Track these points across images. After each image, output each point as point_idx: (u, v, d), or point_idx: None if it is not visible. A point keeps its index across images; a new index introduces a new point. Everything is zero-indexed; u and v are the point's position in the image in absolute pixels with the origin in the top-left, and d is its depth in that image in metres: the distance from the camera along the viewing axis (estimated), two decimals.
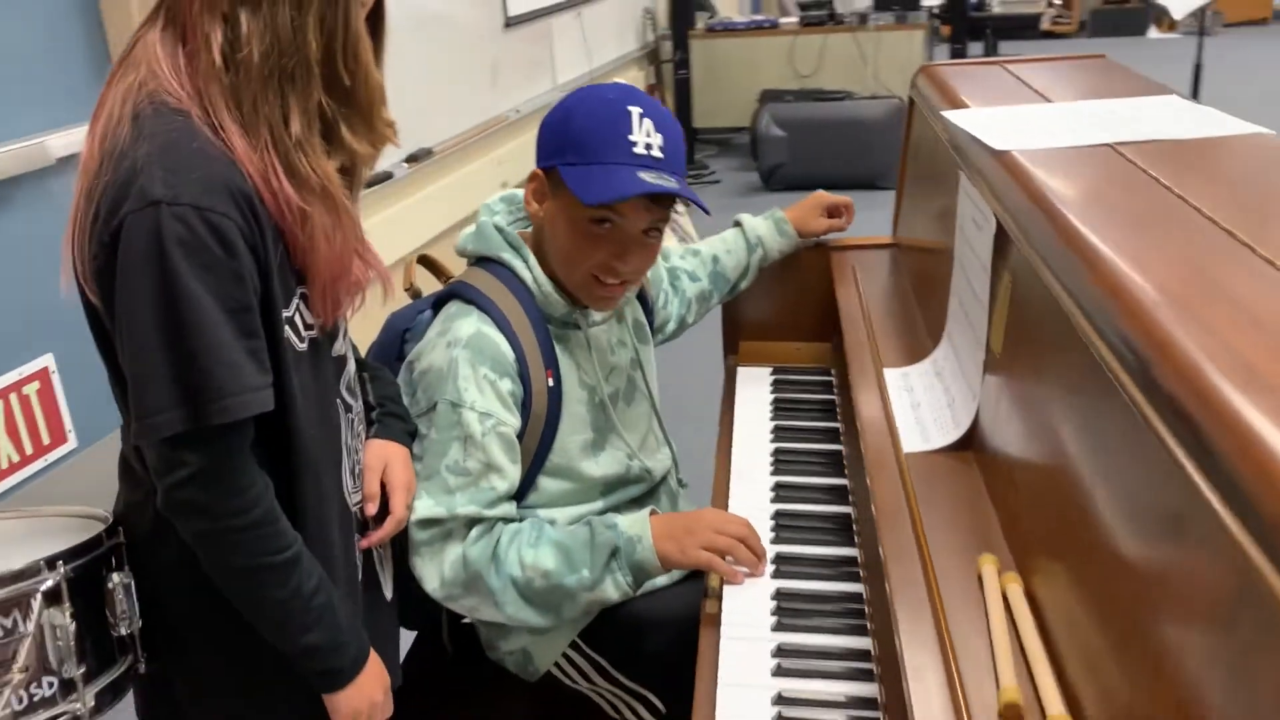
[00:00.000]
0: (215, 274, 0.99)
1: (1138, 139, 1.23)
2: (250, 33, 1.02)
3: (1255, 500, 0.58)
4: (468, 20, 4.32)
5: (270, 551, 1.07)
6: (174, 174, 0.98)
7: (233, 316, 1.01)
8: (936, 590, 0.97)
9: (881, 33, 6.33)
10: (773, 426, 1.66)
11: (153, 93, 1.04)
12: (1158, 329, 0.75)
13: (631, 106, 1.29)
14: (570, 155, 1.29)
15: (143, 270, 0.98)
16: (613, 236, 1.31)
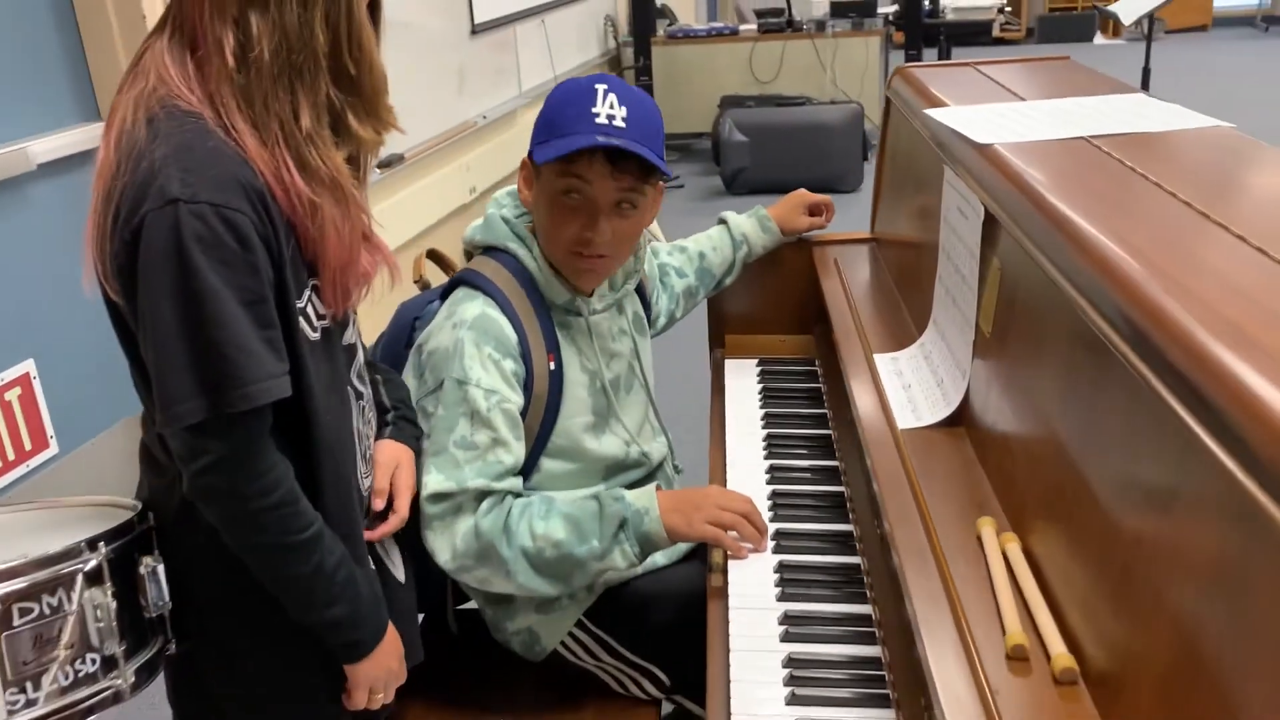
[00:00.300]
0: (232, 268, 1.03)
1: (1110, 132, 1.31)
2: (260, 33, 1.06)
3: (1251, 440, 0.65)
4: (435, 27, 4.36)
5: (293, 530, 1.12)
6: (190, 173, 1.03)
7: (250, 308, 1.05)
8: (940, 550, 1.04)
9: (839, 39, 6.46)
10: (763, 414, 1.73)
11: (164, 97, 1.08)
12: (1148, 299, 0.83)
13: (599, 85, 1.36)
14: (542, 135, 1.36)
15: (163, 266, 1.02)
16: (582, 208, 1.37)
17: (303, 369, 1.14)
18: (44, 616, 1.04)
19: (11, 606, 1.02)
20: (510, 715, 1.49)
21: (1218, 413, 0.69)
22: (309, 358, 1.15)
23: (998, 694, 0.85)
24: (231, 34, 1.06)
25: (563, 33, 5.93)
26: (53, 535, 1.12)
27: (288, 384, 1.09)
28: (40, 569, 1.05)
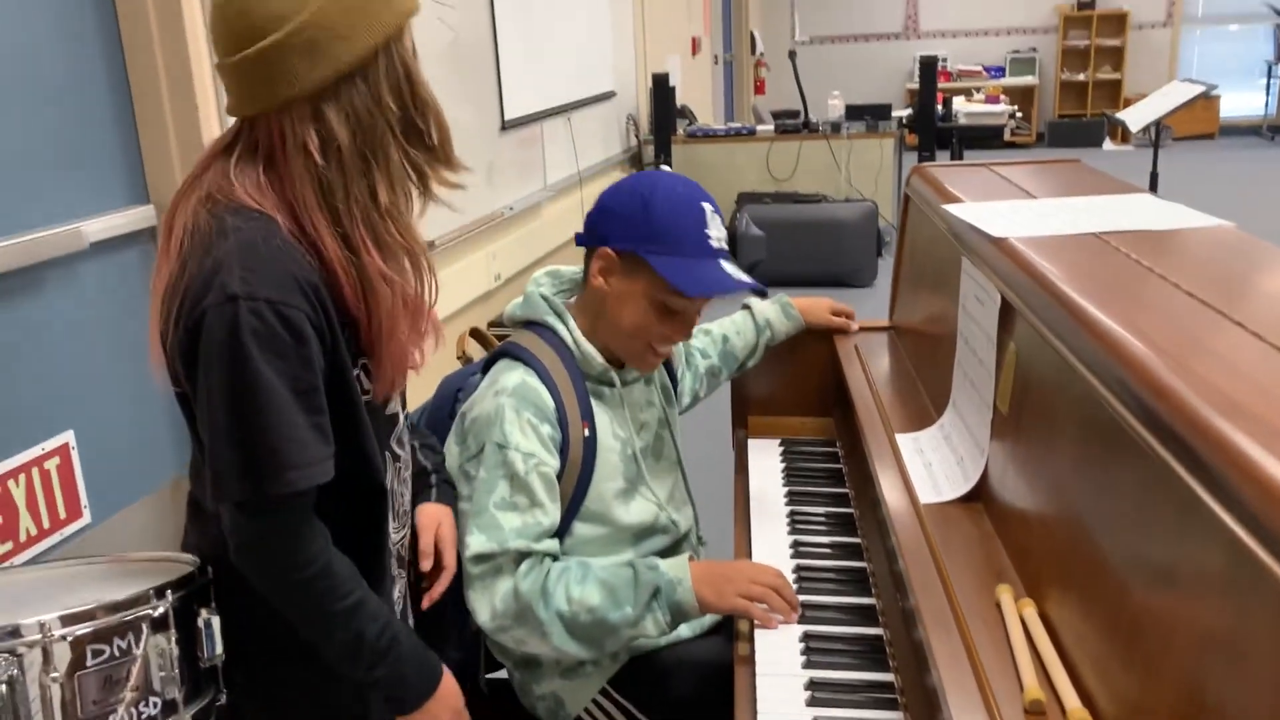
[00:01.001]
0: (286, 360, 1.11)
1: (1118, 228, 1.40)
2: (336, 123, 1.13)
3: (1250, 501, 0.72)
4: (468, 123, 4.54)
5: (334, 599, 1.19)
6: (251, 271, 1.10)
7: (300, 397, 1.13)
8: (961, 616, 1.10)
9: (854, 140, 6.66)
10: (786, 491, 1.80)
11: (229, 201, 1.15)
12: (1155, 377, 0.90)
13: (704, 203, 1.48)
14: (653, 245, 1.45)
15: (220, 356, 1.10)
16: (682, 315, 1.50)
17: (364, 436, 1.22)
18: (113, 659, 1.11)
19: (85, 648, 1.09)
20: None
21: (1219, 478, 0.76)
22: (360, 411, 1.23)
23: None
24: (314, 131, 1.13)
25: (587, 130, 6.14)
26: (120, 584, 1.19)
27: (331, 468, 1.16)
28: (112, 614, 1.11)
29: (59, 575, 1.32)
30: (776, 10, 11.96)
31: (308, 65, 1.10)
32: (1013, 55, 11.55)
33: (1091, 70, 11.35)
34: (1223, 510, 0.75)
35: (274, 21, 1.10)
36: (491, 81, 4.76)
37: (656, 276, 1.44)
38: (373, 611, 1.22)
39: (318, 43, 1.10)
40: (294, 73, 1.10)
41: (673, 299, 1.46)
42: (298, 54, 1.10)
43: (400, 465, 1.36)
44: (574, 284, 1.63)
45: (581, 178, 5.96)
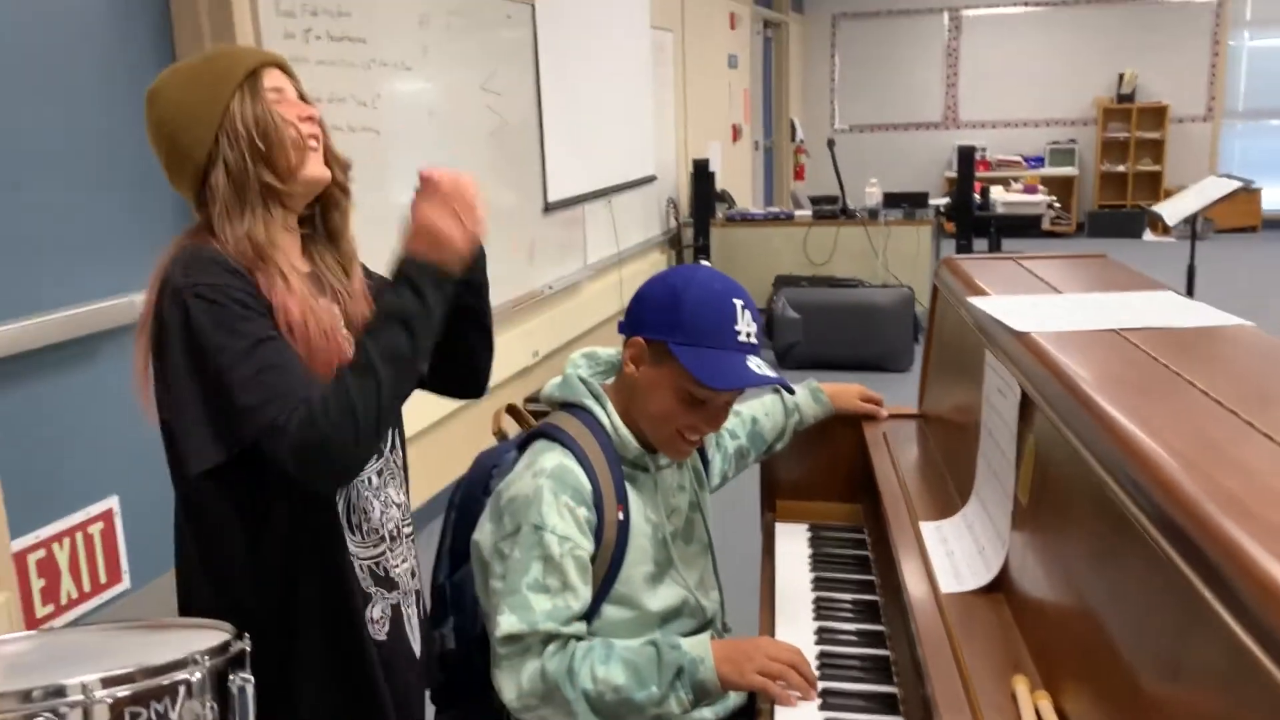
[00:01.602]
0: (241, 320, 1.30)
1: (1140, 326, 1.43)
2: (218, 179, 1.36)
3: (1253, 606, 0.74)
4: (511, 205, 4.67)
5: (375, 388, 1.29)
6: (190, 270, 1.31)
7: (255, 348, 1.29)
8: (977, 706, 1.11)
9: (891, 227, 6.74)
10: (812, 577, 1.81)
11: (191, 244, 1.36)
12: (1166, 476, 0.93)
13: (735, 299, 1.51)
14: (680, 335, 1.49)
15: (173, 338, 1.30)
16: (707, 407, 1.53)
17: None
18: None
19: (124, 710, 1.12)
20: None
21: (1221, 575, 0.78)
22: None
23: None
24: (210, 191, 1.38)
25: (628, 212, 6.27)
26: (159, 649, 1.23)
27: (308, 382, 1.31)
28: (151, 677, 1.15)
29: (99, 637, 1.36)
30: (816, 99, 12.19)
31: (179, 168, 1.39)
32: (1052, 146, 11.66)
33: (1131, 162, 11.41)
34: (1225, 611, 0.77)
35: (156, 144, 1.40)
36: (536, 164, 4.90)
37: (681, 367, 1.49)
38: (370, 365, 1.29)
39: (176, 150, 1.38)
40: (178, 174, 1.40)
41: (697, 389, 1.50)
42: (173, 163, 1.39)
43: (365, 485, 1.44)
44: (610, 366, 1.68)
45: (621, 258, 6.07)
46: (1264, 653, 0.71)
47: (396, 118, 3.72)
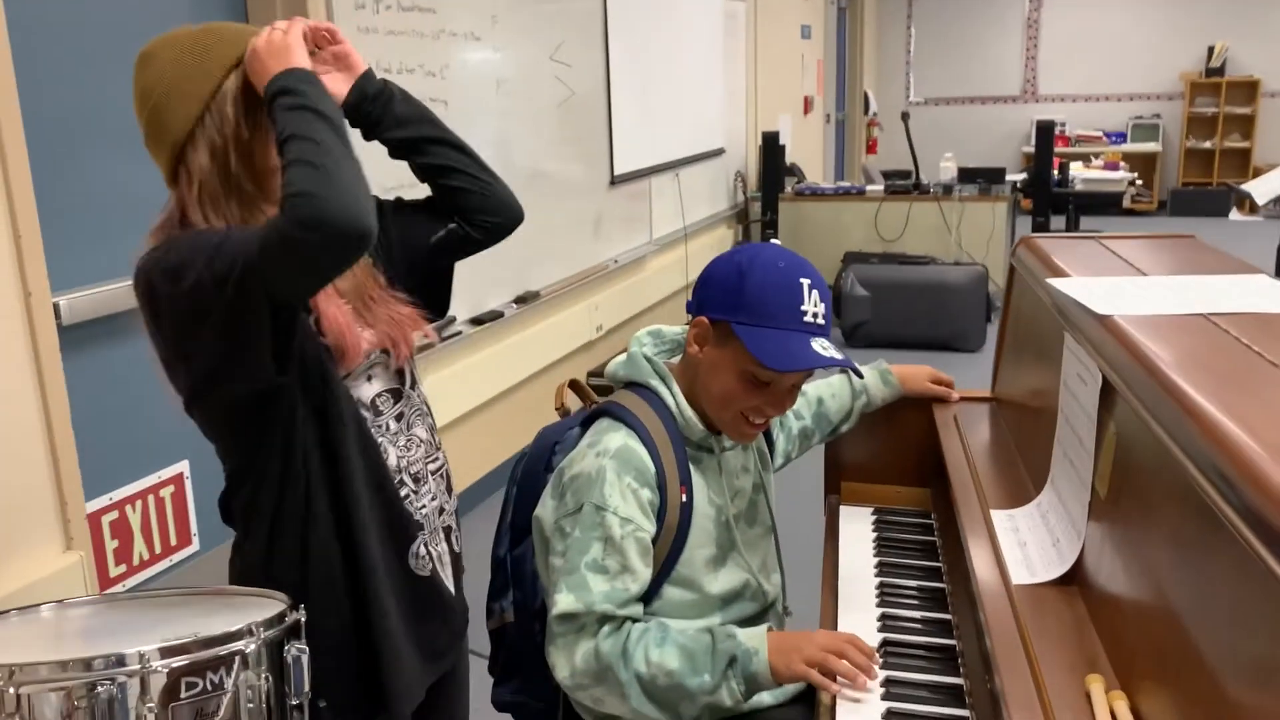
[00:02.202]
0: (201, 254, 1.28)
1: (1230, 310, 1.36)
2: (196, 168, 1.35)
3: None
4: (578, 178, 4.64)
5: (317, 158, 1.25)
6: (166, 248, 1.32)
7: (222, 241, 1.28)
8: (1049, 705, 1.07)
9: (965, 203, 6.58)
10: (876, 562, 1.77)
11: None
12: (1256, 469, 0.87)
13: (802, 279, 1.46)
14: (744, 315, 1.45)
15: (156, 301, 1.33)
16: (772, 389, 1.48)
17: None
18: (205, 692, 1.15)
19: (180, 679, 1.13)
20: None
21: None
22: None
23: None
24: (185, 178, 1.37)
25: (695, 186, 6.20)
26: (217, 619, 1.24)
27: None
28: (207, 648, 1.16)
29: (159, 606, 1.38)
30: (891, 71, 11.94)
31: (158, 142, 1.37)
32: (1135, 121, 11.29)
33: (1219, 138, 11.00)
34: None
35: (140, 115, 1.38)
36: (603, 137, 4.86)
37: (744, 348, 1.44)
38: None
39: (158, 125, 1.36)
40: (158, 152, 1.39)
41: (760, 371, 1.45)
42: (153, 138, 1.38)
43: (371, 427, 1.43)
44: (676, 344, 1.65)
45: (687, 232, 6.02)
46: None
47: (465, 88, 3.71)
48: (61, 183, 2.38)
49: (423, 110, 1.54)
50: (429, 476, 1.51)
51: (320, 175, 1.21)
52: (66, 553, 2.28)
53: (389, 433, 1.46)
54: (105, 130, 2.50)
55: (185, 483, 2.83)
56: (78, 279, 2.41)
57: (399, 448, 1.46)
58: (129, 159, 2.56)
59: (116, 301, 2.51)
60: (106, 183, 2.52)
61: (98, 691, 1.10)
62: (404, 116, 1.50)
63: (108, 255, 2.50)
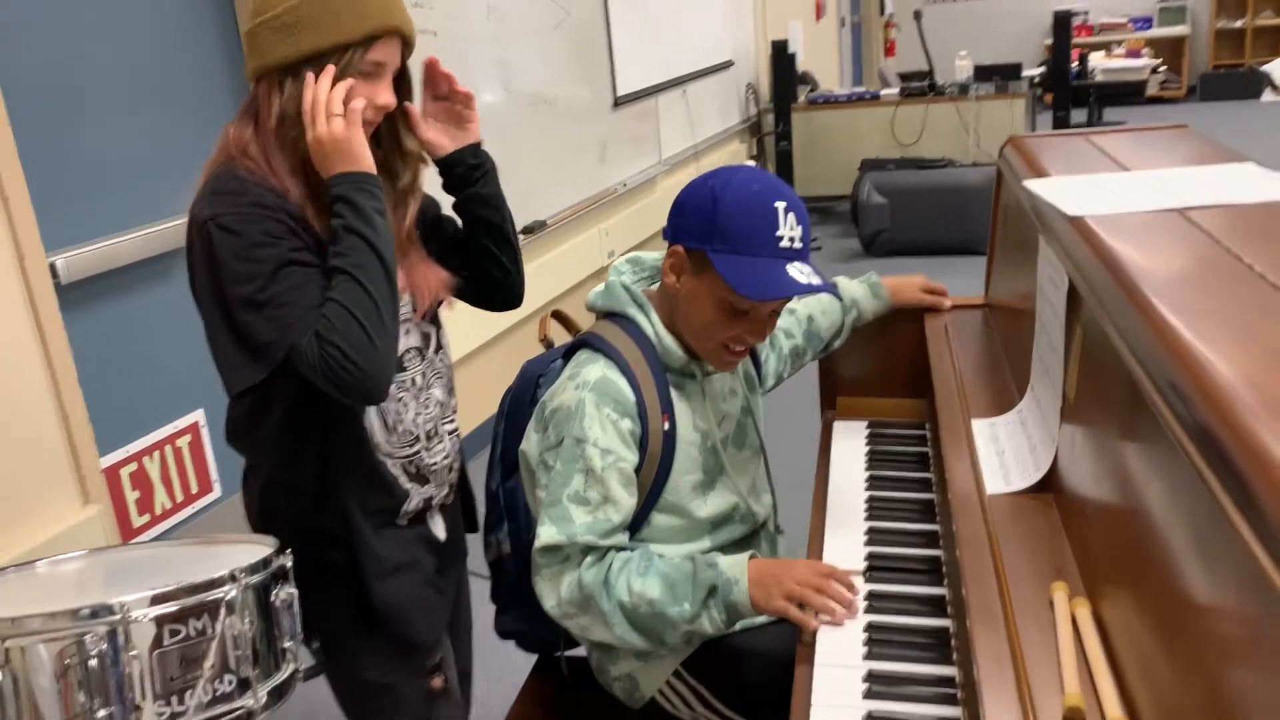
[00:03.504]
0: (259, 248, 1.32)
1: (1207, 203, 1.32)
2: (290, 95, 1.36)
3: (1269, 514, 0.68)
4: (579, 100, 4.58)
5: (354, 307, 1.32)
6: (219, 201, 1.33)
7: (277, 272, 1.32)
8: (1011, 613, 1.07)
9: (982, 102, 6.44)
10: (867, 476, 1.77)
11: (227, 159, 1.38)
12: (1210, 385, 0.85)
13: (778, 202, 1.42)
14: (718, 243, 1.42)
15: (201, 269, 1.35)
16: (751, 317, 1.46)
17: None
18: (190, 639, 1.18)
19: (164, 628, 1.16)
20: None
21: (1243, 482, 0.72)
22: None
23: None
24: (275, 99, 1.37)
25: (704, 102, 6.10)
26: (203, 566, 1.26)
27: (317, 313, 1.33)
28: (189, 595, 1.18)
29: (152, 555, 1.41)
30: None
31: (279, 43, 1.34)
32: (1161, 4, 10.91)
33: (1250, 16, 10.62)
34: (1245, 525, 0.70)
35: (270, 4, 1.35)
36: (604, 58, 4.78)
37: (720, 277, 1.42)
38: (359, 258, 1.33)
39: (290, 27, 1.34)
40: (269, 47, 1.35)
41: (737, 299, 1.44)
42: (276, 32, 1.34)
43: (395, 387, 1.46)
44: (655, 270, 1.63)
45: (698, 150, 5.94)
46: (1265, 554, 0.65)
47: (453, 17, 3.65)
48: (47, 143, 2.38)
49: (501, 196, 1.60)
50: (444, 436, 1.56)
51: (359, 339, 1.30)
52: (86, 506, 2.34)
53: (412, 388, 1.50)
54: (89, 88, 2.50)
55: (201, 431, 2.87)
56: (74, 237, 2.43)
57: (418, 404, 1.51)
58: (115, 115, 2.57)
59: (116, 257, 2.53)
60: (95, 140, 2.52)
61: (86, 642, 1.13)
62: (488, 198, 1.57)
63: (102, 212, 2.51)
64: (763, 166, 6.78)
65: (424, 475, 1.52)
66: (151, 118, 2.69)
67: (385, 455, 1.47)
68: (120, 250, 2.54)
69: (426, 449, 1.52)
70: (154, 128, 2.69)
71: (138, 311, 2.65)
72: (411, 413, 1.49)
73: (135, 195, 2.62)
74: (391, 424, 1.47)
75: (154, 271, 2.66)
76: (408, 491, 1.50)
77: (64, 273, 2.35)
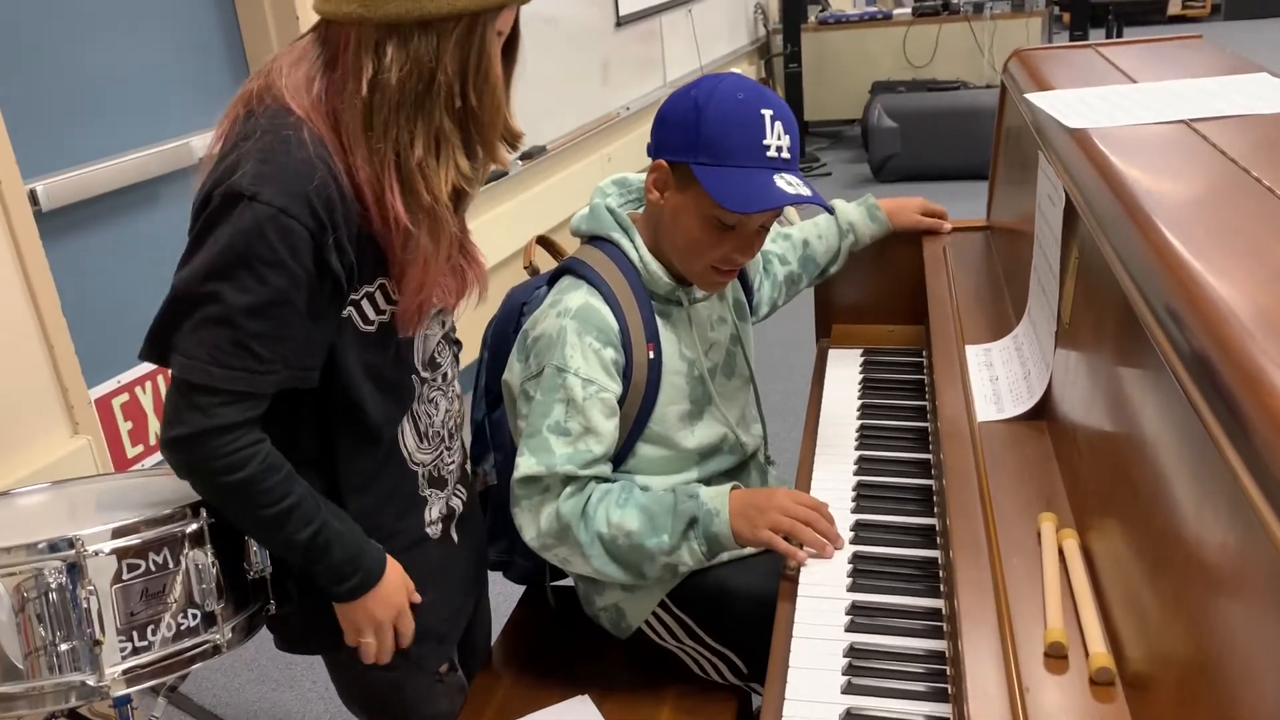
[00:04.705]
0: (271, 268, 1.09)
1: (1215, 114, 1.25)
2: (393, 61, 1.11)
3: (1258, 440, 0.62)
4: (580, 21, 4.45)
5: (259, 506, 1.16)
6: (264, 175, 1.09)
7: (266, 308, 1.10)
8: (996, 544, 1.03)
9: (998, 21, 6.25)
10: (860, 404, 1.72)
11: (270, 98, 1.15)
12: (1200, 295, 0.79)
13: (764, 109, 1.35)
14: (703, 155, 1.35)
15: (210, 238, 1.10)
16: (738, 233, 1.39)
17: (344, 356, 1.20)
18: (151, 573, 1.15)
19: (124, 561, 1.13)
20: (597, 688, 1.53)
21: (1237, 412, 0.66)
22: (355, 348, 1.21)
23: (1028, 691, 0.84)
24: (370, 61, 1.12)
25: (710, 22, 5.94)
26: (171, 498, 1.23)
27: (268, 383, 1.13)
28: (150, 529, 1.15)
29: (120, 487, 1.38)
30: None
31: None
32: None
33: None
34: (1231, 451, 0.65)
35: None
36: None
37: (705, 191, 1.35)
38: (305, 515, 1.19)
39: None
40: None
41: (724, 214, 1.37)
42: None
43: (428, 384, 1.35)
44: (641, 193, 1.57)
45: (704, 72, 5.80)
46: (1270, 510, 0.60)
47: None
48: (21, 72, 2.32)
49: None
50: (458, 434, 1.45)
51: (258, 496, 1.15)
52: (74, 437, 2.31)
53: (444, 383, 1.39)
54: (68, 13, 2.42)
55: None
56: (54, 164, 2.37)
57: (447, 400, 1.40)
58: (95, 40, 2.49)
59: (98, 183, 2.47)
60: (71, 67, 2.45)
61: (44, 575, 1.11)
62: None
63: (82, 139, 2.45)
64: (772, 88, 6.64)
65: (442, 479, 1.41)
66: (132, 43, 2.61)
67: (418, 465, 1.36)
68: (102, 176, 2.49)
69: (447, 450, 1.42)
70: (135, 53, 2.62)
71: (127, 240, 2.60)
72: (441, 412, 1.39)
73: (117, 122, 2.56)
74: (424, 429, 1.36)
75: (139, 199, 2.61)
76: (426, 499, 1.39)
77: (44, 199, 2.30)
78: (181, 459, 1.14)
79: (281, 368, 1.13)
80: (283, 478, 1.17)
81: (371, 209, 1.16)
